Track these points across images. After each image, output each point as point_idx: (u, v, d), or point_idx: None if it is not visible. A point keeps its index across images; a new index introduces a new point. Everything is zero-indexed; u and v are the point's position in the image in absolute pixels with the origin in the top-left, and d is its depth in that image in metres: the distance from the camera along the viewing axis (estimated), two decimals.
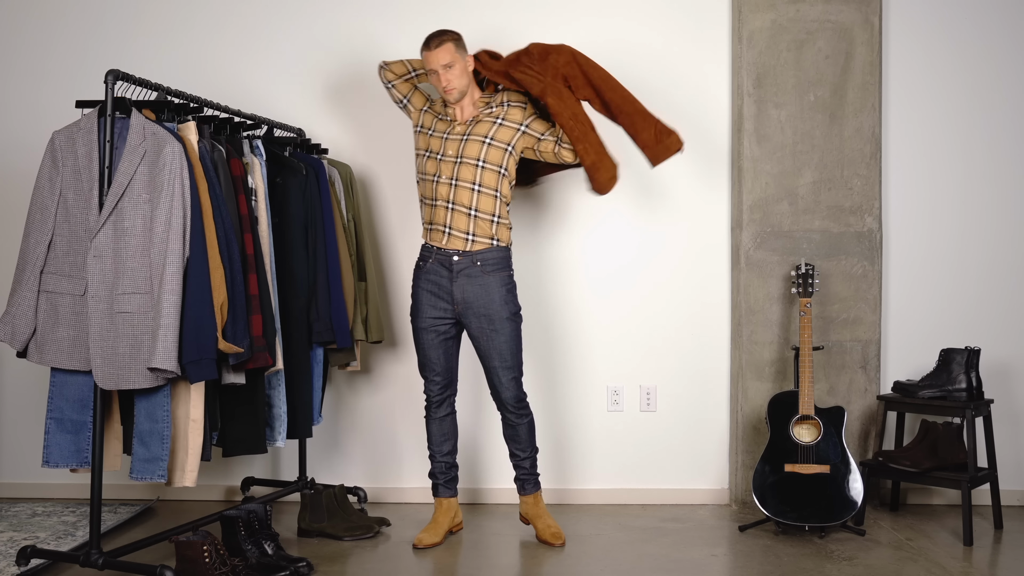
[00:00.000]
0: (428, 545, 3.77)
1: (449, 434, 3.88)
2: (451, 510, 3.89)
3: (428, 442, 3.90)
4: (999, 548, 3.89)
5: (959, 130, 4.50)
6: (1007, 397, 4.45)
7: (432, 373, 3.82)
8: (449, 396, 3.86)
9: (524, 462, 3.88)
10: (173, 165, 3.13)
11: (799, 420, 4.00)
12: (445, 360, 3.81)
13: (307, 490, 4.03)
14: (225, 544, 3.39)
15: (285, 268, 3.79)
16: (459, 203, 3.71)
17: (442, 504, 3.88)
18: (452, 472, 3.90)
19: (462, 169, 3.71)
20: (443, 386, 3.83)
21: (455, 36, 3.76)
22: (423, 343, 3.80)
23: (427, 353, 3.80)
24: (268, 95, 4.44)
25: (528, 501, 3.91)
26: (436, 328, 3.77)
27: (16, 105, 4.50)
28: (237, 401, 3.51)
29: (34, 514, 4.12)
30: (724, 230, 4.51)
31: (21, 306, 3.24)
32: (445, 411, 3.87)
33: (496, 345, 3.73)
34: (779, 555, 3.70)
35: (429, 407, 3.87)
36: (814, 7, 4.39)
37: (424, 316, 3.78)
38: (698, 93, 4.50)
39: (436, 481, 3.89)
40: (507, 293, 3.76)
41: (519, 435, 3.85)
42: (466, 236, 3.71)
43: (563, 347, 4.47)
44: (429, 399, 3.86)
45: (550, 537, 3.81)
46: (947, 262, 4.49)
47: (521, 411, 3.82)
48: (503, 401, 3.80)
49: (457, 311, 3.74)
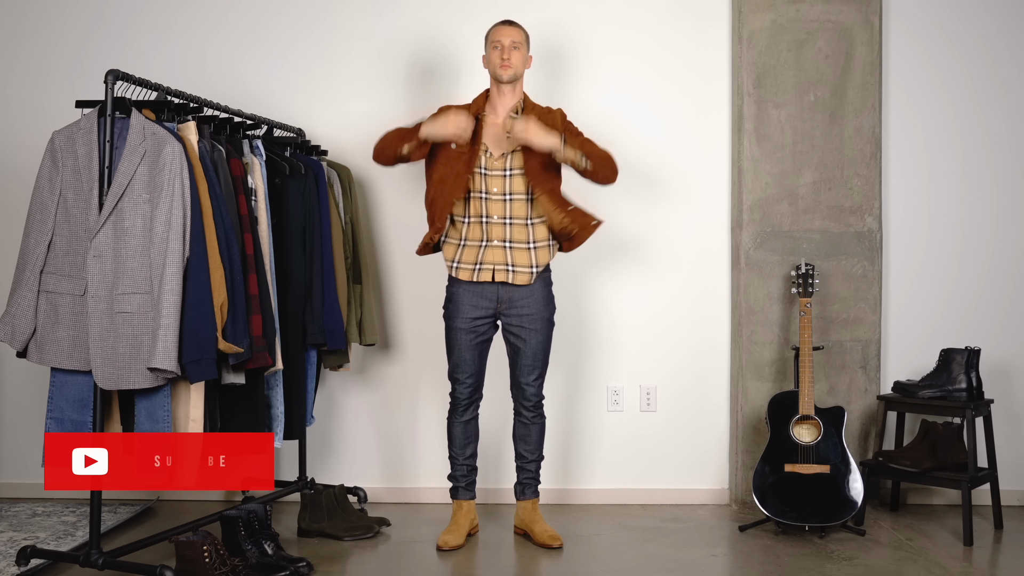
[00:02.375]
0: (453, 547, 3.74)
1: (472, 437, 3.87)
2: (470, 512, 3.88)
3: (449, 445, 3.88)
4: (999, 548, 3.89)
5: (959, 130, 4.50)
6: (1007, 397, 4.45)
7: (464, 375, 3.80)
8: (476, 400, 3.86)
9: (530, 464, 3.88)
10: (173, 165, 3.13)
11: (799, 420, 4.00)
12: (478, 363, 3.81)
13: (307, 490, 4.04)
14: (225, 544, 3.39)
15: (283, 269, 3.79)
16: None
17: (462, 506, 3.87)
18: (472, 475, 3.89)
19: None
20: (473, 388, 3.82)
21: (527, 32, 3.79)
22: (459, 344, 3.77)
23: (462, 354, 3.78)
24: (268, 95, 4.44)
25: (526, 507, 3.91)
26: (476, 329, 3.77)
27: (16, 105, 4.50)
28: (237, 401, 3.51)
29: (34, 514, 4.12)
30: (724, 230, 4.51)
31: (21, 306, 3.24)
32: (471, 415, 3.86)
33: (532, 345, 3.76)
34: (779, 555, 3.70)
35: (455, 410, 3.85)
36: (814, 7, 4.38)
37: (464, 316, 3.75)
38: (698, 93, 4.50)
39: (456, 484, 3.88)
40: (549, 294, 3.82)
41: (531, 435, 3.86)
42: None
43: (563, 347, 4.46)
44: (456, 401, 3.84)
45: (548, 540, 3.80)
46: (947, 262, 4.49)
47: (539, 411, 3.86)
48: (525, 398, 3.82)
49: (499, 309, 3.75)
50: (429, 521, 4.13)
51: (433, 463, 4.45)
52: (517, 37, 3.72)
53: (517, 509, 3.95)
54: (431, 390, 4.47)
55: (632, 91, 4.50)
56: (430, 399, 4.47)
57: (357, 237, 4.26)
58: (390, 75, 4.49)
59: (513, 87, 3.76)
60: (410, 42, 4.49)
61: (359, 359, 4.46)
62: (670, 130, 4.49)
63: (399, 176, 4.46)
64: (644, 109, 4.49)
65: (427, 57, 4.48)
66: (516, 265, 3.73)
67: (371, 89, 4.49)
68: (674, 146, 4.50)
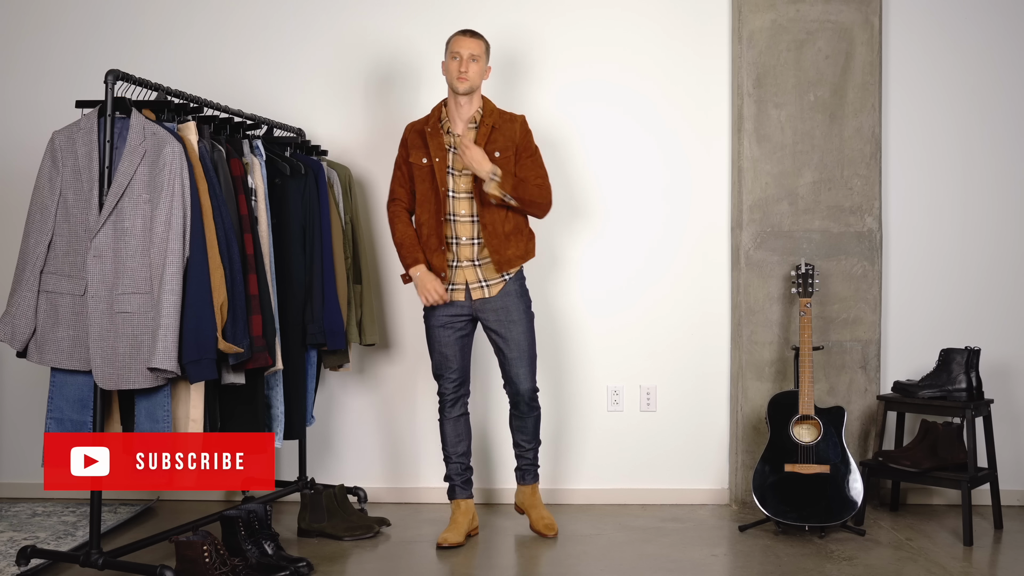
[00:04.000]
0: (453, 544, 3.76)
1: (463, 434, 3.88)
2: (469, 512, 3.88)
3: (443, 443, 3.89)
4: (999, 548, 3.89)
5: (959, 130, 4.50)
6: (1007, 397, 4.44)
7: (448, 371, 3.82)
8: (463, 395, 3.88)
9: (528, 452, 3.93)
10: (173, 165, 3.13)
11: (799, 420, 4.00)
12: (461, 357, 3.83)
13: (307, 490, 4.04)
14: (225, 544, 3.39)
15: (283, 269, 3.79)
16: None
17: (460, 506, 3.88)
18: (468, 474, 3.90)
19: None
20: (458, 384, 3.84)
21: (488, 42, 3.80)
22: (439, 341, 3.81)
23: (443, 351, 3.81)
24: (268, 95, 4.44)
25: (525, 491, 3.95)
26: (454, 324, 3.79)
27: (16, 105, 4.50)
28: (237, 401, 3.51)
29: (34, 514, 4.12)
30: (724, 230, 4.51)
31: (21, 306, 3.24)
32: (459, 411, 3.88)
33: (514, 335, 3.78)
34: (779, 555, 3.70)
35: (443, 407, 3.88)
36: (814, 7, 4.38)
37: (439, 314, 3.79)
38: (698, 93, 4.50)
39: (452, 483, 3.89)
40: (521, 287, 3.84)
41: (527, 426, 3.91)
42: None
43: (563, 347, 4.47)
44: (443, 398, 3.87)
45: (543, 528, 3.85)
46: (947, 262, 4.49)
47: (533, 403, 3.88)
48: (520, 393, 3.83)
49: (474, 307, 3.78)
50: (429, 521, 4.13)
51: (433, 463, 4.45)
52: (476, 49, 3.71)
53: (517, 492, 4.00)
54: (431, 390, 4.45)
55: (632, 91, 4.49)
56: (430, 399, 4.46)
57: (357, 237, 4.26)
58: (390, 75, 4.49)
59: (470, 98, 3.77)
60: (408, 40, 4.49)
61: (359, 359, 4.46)
62: (670, 130, 4.49)
63: None
64: (644, 109, 4.49)
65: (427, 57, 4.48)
66: (488, 280, 3.79)
67: (371, 89, 4.49)
68: (674, 146, 4.49)
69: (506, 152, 3.75)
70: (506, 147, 3.75)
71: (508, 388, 3.87)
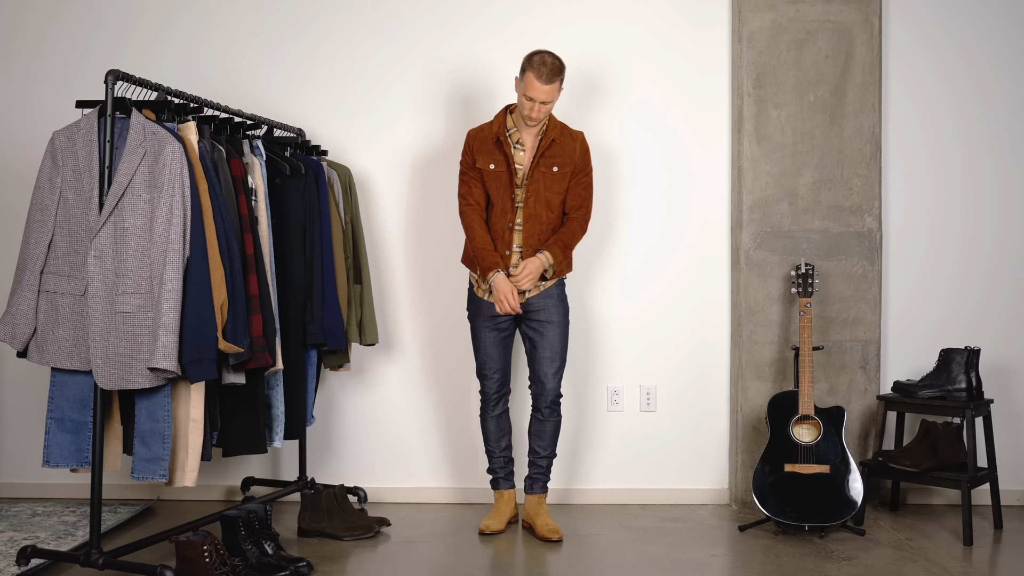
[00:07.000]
0: (494, 531, 3.94)
1: (505, 430, 4.02)
2: (511, 501, 4.04)
3: (485, 440, 4.02)
4: (999, 548, 3.89)
5: (959, 130, 4.50)
6: (1007, 397, 4.45)
7: (492, 371, 3.94)
8: (505, 394, 3.99)
9: (542, 460, 4.00)
10: (173, 165, 3.13)
11: (799, 420, 4.00)
12: (504, 357, 3.94)
13: (307, 490, 4.04)
14: (225, 544, 3.39)
15: (283, 269, 3.79)
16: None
17: (503, 495, 4.03)
18: (510, 466, 4.05)
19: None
20: (501, 383, 3.96)
21: (564, 73, 3.78)
22: (484, 341, 3.92)
23: (488, 351, 3.92)
24: (268, 95, 4.44)
25: (532, 501, 3.98)
26: (499, 326, 3.89)
27: (16, 105, 4.50)
28: (237, 401, 3.51)
29: (34, 514, 4.12)
30: (724, 230, 4.51)
31: (21, 306, 3.24)
32: (502, 408, 4.00)
33: (549, 336, 3.88)
34: (779, 555, 3.70)
35: (486, 406, 3.99)
36: (814, 7, 4.39)
37: (486, 315, 3.88)
38: (698, 93, 4.50)
39: (496, 476, 4.04)
40: (562, 293, 3.94)
41: (546, 431, 3.98)
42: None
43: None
44: (487, 398, 3.97)
45: (548, 533, 3.88)
46: (947, 262, 4.49)
47: (555, 407, 3.96)
48: (545, 394, 3.92)
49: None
50: (429, 521, 4.13)
51: (433, 463, 4.46)
52: (549, 97, 3.74)
53: (524, 503, 4.03)
54: (431, 390, 4.47)
55: (632, 91, 4.49)
56: (430, 399, 4.47)
57: (357, 237, 4.26)
58: (390, 75, 4.49)
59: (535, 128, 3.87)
60: (408, 38, 4.49)
61: (359, 359, 4.46)
62: (670, 130, 4.49)
63: (399, 176, 4.47)
64: (644, 110, 4.49)
65: (426, 57, 4.48)
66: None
67: (371, 90, 4.49)
68: (674, 146, 4.50)
69: (564, 168, 3.85)
70: (564, 163, 3.85)
71: (534, 387, 3.95)
